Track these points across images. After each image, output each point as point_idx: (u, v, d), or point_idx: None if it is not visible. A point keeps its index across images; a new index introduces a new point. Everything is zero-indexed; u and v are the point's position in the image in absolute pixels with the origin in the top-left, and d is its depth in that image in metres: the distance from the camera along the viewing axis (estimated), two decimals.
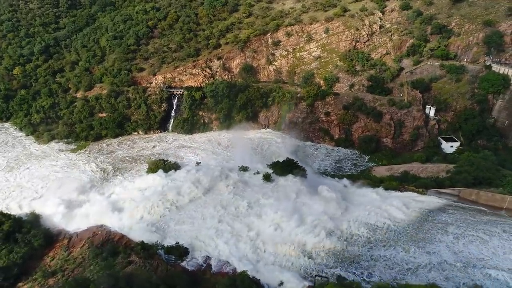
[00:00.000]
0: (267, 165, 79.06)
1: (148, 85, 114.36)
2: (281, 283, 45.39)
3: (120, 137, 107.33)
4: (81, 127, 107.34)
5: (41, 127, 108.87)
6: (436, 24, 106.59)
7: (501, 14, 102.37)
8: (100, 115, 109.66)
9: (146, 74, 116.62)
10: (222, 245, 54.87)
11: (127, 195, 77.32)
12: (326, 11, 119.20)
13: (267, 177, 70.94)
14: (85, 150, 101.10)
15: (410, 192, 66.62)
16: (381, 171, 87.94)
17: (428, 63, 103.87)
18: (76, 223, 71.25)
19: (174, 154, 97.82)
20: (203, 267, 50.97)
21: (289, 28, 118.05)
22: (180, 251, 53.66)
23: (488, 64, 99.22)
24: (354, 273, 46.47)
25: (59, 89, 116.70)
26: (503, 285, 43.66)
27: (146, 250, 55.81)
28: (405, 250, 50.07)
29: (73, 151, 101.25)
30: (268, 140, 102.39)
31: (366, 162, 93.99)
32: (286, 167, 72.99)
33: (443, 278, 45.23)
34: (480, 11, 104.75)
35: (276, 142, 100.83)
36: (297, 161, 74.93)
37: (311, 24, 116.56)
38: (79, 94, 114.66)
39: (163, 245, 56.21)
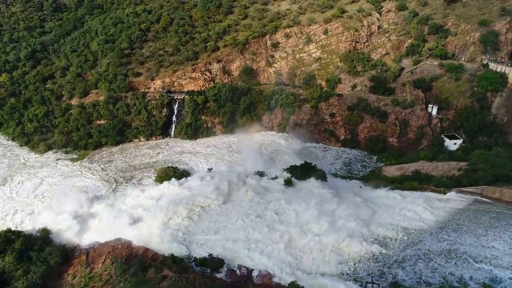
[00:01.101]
0: (284, 169, 78.27)
1: (147, 90, 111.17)
2: None
3: (121, 145, 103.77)
4: (79, 135, 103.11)
5: (35, 136, 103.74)
6: (433, 24, 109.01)
7: (494, 14, 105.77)
8: (98, 122, 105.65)
9: (143, 78, 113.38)
10: (257, 255, 53.70)
11: (140, 206, 74.83)
12: (323, 12, 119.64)
13: (288, 182, 70.15)
14: (86, 159, 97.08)
15: (430, 192, 67.39)
16: (391, 170, 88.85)
17: (428, 62, 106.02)
18: (90, 238, 68.31)
19: (181, 161, 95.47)
20: (243, 279, 49.61)
21: (287, 30, 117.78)
22: (217, 263, 52.06)
23: (485, 62, 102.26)
24: (403, 278, 46.27)
25: (52, 96, 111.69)
26: None
27: (178, 263, 53.94)
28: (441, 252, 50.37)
29: (73, 160, 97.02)
30: (274, 143, 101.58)
31: (375, 162, 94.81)
32: (305, 171, 72.43)
33: None
34: (475, 11, 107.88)
35: (283, 145, 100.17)
36: (315, 165, 74.38)
37: (310, 25, 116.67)
38: (74, 101, 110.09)
39: (195, 257, 54.43)
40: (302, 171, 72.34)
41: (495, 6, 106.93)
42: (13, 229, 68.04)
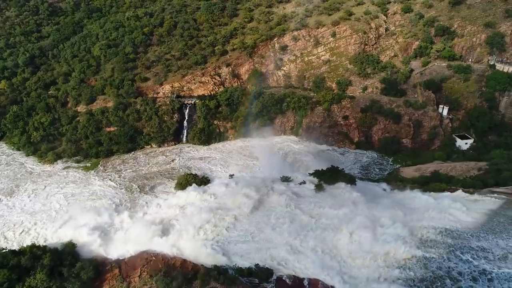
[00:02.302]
0: (309, 173, 78.01)
1: (155, 95, 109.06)
2: None
3: (133, 152, 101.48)
4: (88, 143, 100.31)
5: (42, 145, 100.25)
6: (440, 26, 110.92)
7: (499, 16, 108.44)
8: (108, 129, 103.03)
9: (151, 83, 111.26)
10: (302, 262, 53.15)
11: (166, 215, 73.38)
12: (330, 15, 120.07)
13: (319, 187, 69.82)
14: (99, 168, 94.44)
15: (461, 192, 68.25)
16: (409, 172, 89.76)
17: (436, 64, 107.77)
18: (117, 250, 66.60)
19: (197, 167, 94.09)
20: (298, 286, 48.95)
21: (295, 33, 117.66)
22: (265, 273, 51.21)
23: (492, 63, 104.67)
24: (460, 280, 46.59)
25: (57, 103, 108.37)
26: None
27: (223, 274, 52.89)
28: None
29: (85, 169, 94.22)
30: (289, 146, 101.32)
31: (391, 164, 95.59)
32: (334, 175, 72.31)
33: None
34: (479, 13, 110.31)
35: (298, 148, 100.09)
36: (343, 169, 74.37)
37: (318, 28, 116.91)
38: (80, 108, 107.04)
39: (240, 267, 53.43)
40: (331, 176, 72.09)
41: (499, 8, 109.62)
42: (35, 243, 66.25)
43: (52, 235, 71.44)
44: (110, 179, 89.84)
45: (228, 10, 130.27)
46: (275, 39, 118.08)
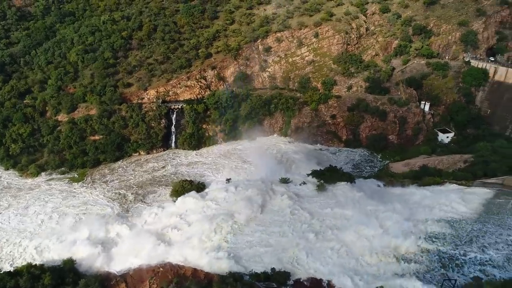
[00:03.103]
0: (308, 174, 78.66)
1: (140, 101, 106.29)
2: None
3: (121, 160, 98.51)
4: (73, 153, 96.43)
5: (23, 158, 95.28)
6: (417, 25, 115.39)
7: (471, 15, 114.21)
8: (93, 138, 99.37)
9: (135, 89, 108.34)
10: (317, 263, 53.42)
11: (166, 223, 71.67)
12: (311, 16, 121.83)
13: (321, 187, 70.57)
14: (88, 179, 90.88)
15: (454, 185, 71.15)
16: (398, 167, 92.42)
17: (415, 61, 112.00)
18: (120, 263, 64.59)
19: (191, 173, 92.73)
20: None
21: (278, 34, 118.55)
22: (284, 276, 51.15)
23: (467, 60, 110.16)
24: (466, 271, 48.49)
25: (35, 113, 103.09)
26: None
27: (239, 281, 52.33)
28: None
29: (72, 181, 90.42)
30: (280, 148, 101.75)
31: (380, 160, 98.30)
32: (334, 175, 73.38)
33: None
34: (453, 13, 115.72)
35: (289, 149, 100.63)
36: (341, 168, 75.60)
37: (300, 29, 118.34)
38: (61, 117, 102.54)
39: (256, 272, 53.08)
40: (331, 175, 73.12)
41: (470, 7, 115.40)
42: (29, 262, 63.03)
43: (46, 252, 68.05)
44: (100, 190, 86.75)
45: (208, 12, 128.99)
46: (259, 40, 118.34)
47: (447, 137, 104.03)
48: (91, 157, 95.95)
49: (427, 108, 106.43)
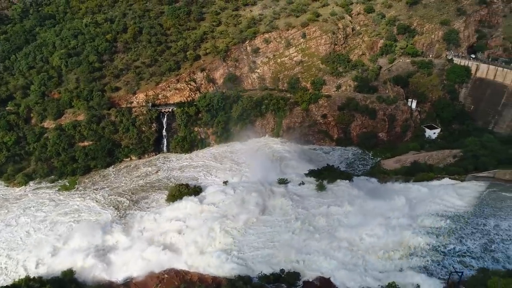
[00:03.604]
0: (305, 174, 79.34)
1: (129, 105, 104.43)
2: (418, 286, 46.89)
3: (112, 166, 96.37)
4: (61, 160, 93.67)
5: (8, 167, 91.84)
6: (401, 25, 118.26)
7: (452, 14, 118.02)
8: (82, 144, 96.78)
9: (123, 93, 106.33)
10: (325, 262, 53.99)
11: (166, 229, 70.72)
12: (297, 16, 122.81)
13: (321, 186, 71.27)
14: (79, 186, 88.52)
15: (448, 179, 73.25)
16: (390, 164, 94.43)
17: (401, 60, 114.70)
18: (121, 271, 63.52)
19: (185, 177, 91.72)
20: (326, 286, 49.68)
21: (266, 35, 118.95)
22: (293, 276, 51.43)
23: (450, 58, 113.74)
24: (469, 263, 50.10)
25: (19, 120, 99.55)
26: None
27: (248, 283, 52.30)
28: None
29: (63, 189, 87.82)
30: (273, 148, 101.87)
31: (372, 158, 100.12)
32: (332, 173, 74.26)
33: None
34: (435, 12, 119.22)
35: (282, 150, 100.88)
36: (338, 167, 76.57)
37: (288, 30, 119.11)
38: (47, 124, 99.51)
39: (265, 274, 53.15)
40: (329, 174, 73.96)
41: (451, 7, 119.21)
42: (26, 275, 61.12)
43: (41, 264, 65.87)
44: (93, 197, 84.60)
45: (194, 14, 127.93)
46: (247, 42, 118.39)
47: (434, 133, 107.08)
48: (81, 164, 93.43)
49: (414, 105, 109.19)
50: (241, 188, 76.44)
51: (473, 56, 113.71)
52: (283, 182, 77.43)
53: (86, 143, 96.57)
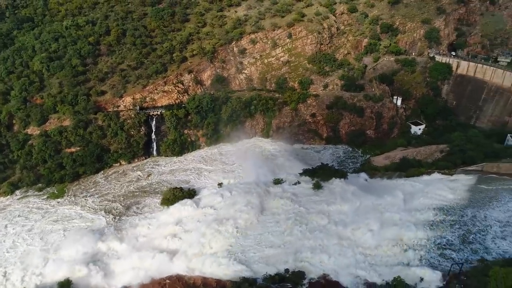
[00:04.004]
0: (300, 173, 79.87)
1: (116, 109, 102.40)
2: (421, 280, 48.13)
3: (102, 172, 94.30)
4: (48, 168, 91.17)
5: None
6: (384, 24, 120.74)
7: (432, 13, 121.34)
8: (69, 150, 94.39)
9: (110, 97, 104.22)
10: (329, 260, 54.65)
11: (163, 234, 70.00)
12: (283, 17, 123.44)
13: (317, 185, 71.94)
14: (69, 194, 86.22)
15: (439, 174, 75.35)
16: (379, 160, 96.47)
17: (385, 59, 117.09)
18: (120, 279, 62.62)
19: (177, 179, 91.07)
20: (332, 285, 50.22)
21: (252, 36, 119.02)
22: (298, 276, 51.76)
23: (432, 55, 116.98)
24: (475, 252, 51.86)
25: (0, 127, 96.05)
26: None
27: (254, 285, 52.33)
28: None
29: (52, 197, 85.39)
30: (264, 149, 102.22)
31: (361, 155, 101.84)
32: (327, 172, 75.12)
33: None
34: (416, 11, 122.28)
35: (273, 150, 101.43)
36: (338, 165, 77.57)
37: (274, 30, 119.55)
38: (31, 130, 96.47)
39: (270, 274, 53.26)
40: (323, 173, 74.79)
41: (431, 6, 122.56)
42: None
43: (35, 276, 63.86)
44: (83, 204, 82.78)
45: (178, 15, 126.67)
46: (233, 42, 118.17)
47: (419, 129, 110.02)
48: (69, 170, 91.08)
49: (399, 102, 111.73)
50: (237, 190, 76.36)
51: (454, 54, 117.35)
52: (278, 182, 77.76)
53: (73, 149, 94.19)
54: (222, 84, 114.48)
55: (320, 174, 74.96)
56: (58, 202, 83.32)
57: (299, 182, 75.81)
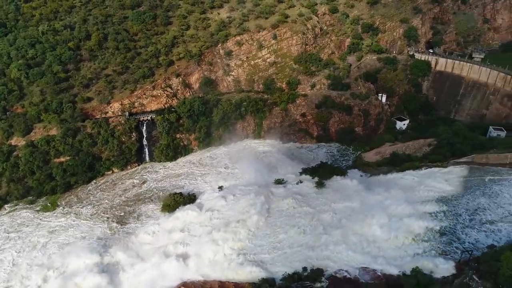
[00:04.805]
0: (300, 172, 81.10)
1: (104, 116, 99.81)
2: (436, 268, 50.39)
3: (94, 181, 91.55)
4: (37, 179, 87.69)
5: None
6: (365, 24, 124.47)
7: (409, 12, 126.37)
8: (58, 160, 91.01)
9: (97, 103, 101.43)
10: (344, 255, 56.11)
11: (169, 240, 69.26)
12: (266, 18, 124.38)
13: (320, 184, 73.34)
14: (62, 206, 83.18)
15: (432, 167, 78.70)
16: (370, 156, 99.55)
17: (368, 57, 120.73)
18: None
19: (174, 185, 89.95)
20: (349, 280, 51.54)
21: (238, 38, 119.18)
22: (317, 273, 52.74)
23: (411, 53, 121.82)
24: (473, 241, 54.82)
25: None
26: None
27: (274, 285, 52.92)
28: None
29: (45, 210, 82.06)
30: (257, 149, 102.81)
31: (352, 152, 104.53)
32: (326, 170, 76.76)
33: None
34: (394, 11, 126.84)
35: (267, 150, 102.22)
36: (331, 163, 79.27)
37: (259, 32, 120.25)
38: (15, 141, 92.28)
39: (289, 274, 54.00)
40: (324, 171, 76.36)
41: (408, 5, 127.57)
42: None
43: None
44: (80, 215, 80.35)
45: (160, 18, 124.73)
46: (219, 45, 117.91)
47: (404, 124, 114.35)
48: (60, 181, 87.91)
49: (384, 99, 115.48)
50: (240, 192, 76.58)
51: (431, 51, 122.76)
52: (280, 182, 78.66)
53: (62, 159, 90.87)
54: (210, 86, 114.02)
55: (320, 173, 76.39)
56: (52, 215, 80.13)
57: (301, 182, 77.03)
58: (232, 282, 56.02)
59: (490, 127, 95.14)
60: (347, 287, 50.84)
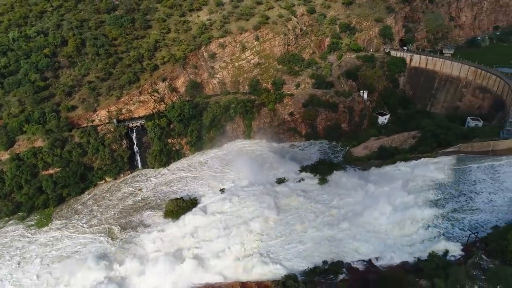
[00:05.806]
0: (299, 170, 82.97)
1: (91, 124, 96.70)
2: (447, 251, 53.87)
3: (87, 192, 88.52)
4: (25, 194, 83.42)
5: None
6: (342, 24, 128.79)
7: (383, 12, 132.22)
8: (47, 172, 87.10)
9: (82, 111, 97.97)
10: (361, 247, 58.49)
11: (179, 246, 68.93)
12: (247, 20, 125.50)
13: (323, 180, 75.56)
14: (57, 220, 79.85)
15: (423, 158, 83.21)
16: (359, 151, 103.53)
17: (348, 56, 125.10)
18: None
19: (172, 190, 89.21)
20: (369, 270, 53.91)
21: (221, 40, 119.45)
22: (338, 265, 54.68)
23: (387, 51, 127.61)
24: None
25: None
26: None
27: (297, 281, 54.27)
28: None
29: (39, 225, 78.40)
30: (250, 150, 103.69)
31: (341, 148, 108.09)
32: (325, 167, 79.19)
33: None
34: (369, 11, 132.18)
35: (259, 150, 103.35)
36: (330, 159, 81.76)
37: (241, 33, 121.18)
38: None
39: (311, 268, 55.58)
40: (324, 167, 78.73)
41: (381, 5, 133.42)
42: None
43: None
44: (78, 228, 77.54)
45: (139, 22, 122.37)
46: (203, 47, 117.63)
47: (385, 118, 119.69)
48: (51, 194, 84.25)
49: (365, 96, 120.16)
50: (244, 193, 77.23)
51: (405, 48, 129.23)
52: (281, 181, 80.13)
53: (52, 171, 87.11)
54: (197, 89, 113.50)
55: (321, 169, 78.65)
56: (47, 230, 76.74)
57: (302, 179, 78.92)
58: (254, 282, 56.69)
59: (468, 117, 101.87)
60: (368, 276, 53.12)
